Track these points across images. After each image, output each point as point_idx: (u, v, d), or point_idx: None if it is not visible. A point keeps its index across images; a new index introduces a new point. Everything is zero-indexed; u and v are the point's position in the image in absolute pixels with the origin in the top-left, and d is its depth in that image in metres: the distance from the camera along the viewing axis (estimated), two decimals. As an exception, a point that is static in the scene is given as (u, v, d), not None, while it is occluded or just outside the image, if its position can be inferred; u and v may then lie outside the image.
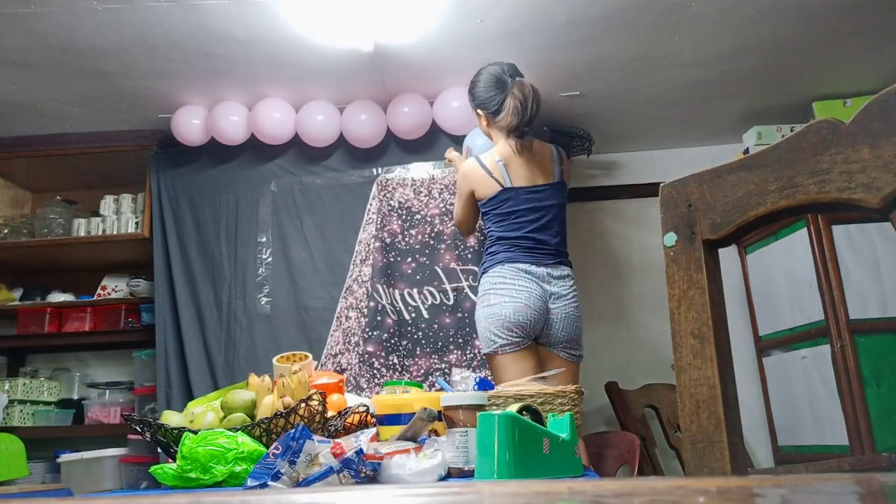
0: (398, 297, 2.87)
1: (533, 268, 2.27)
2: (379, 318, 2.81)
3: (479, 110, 2.43)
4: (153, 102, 2.96)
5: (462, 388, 1.77)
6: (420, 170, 2.99)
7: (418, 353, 2.81)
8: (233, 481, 1.39)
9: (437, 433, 1.48)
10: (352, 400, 1.90)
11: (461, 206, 2.48)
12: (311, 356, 2.05)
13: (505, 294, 2.23)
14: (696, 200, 0.92)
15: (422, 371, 2.79)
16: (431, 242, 2.90)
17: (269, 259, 2.99)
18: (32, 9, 2.27)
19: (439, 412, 1.45)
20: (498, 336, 2.21)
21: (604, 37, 2.58)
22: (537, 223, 2.33)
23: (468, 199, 2.45)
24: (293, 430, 1.28)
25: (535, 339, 2.28)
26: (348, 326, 2.87)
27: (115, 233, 3.20)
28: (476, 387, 1.76)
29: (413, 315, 2.85)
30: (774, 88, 3.02)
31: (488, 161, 2.37)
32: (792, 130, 3.06)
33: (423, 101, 2.93)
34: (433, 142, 2.99)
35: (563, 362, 2.29)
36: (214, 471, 1.36)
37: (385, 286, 2.86)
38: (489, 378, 2.28)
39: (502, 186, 2.34)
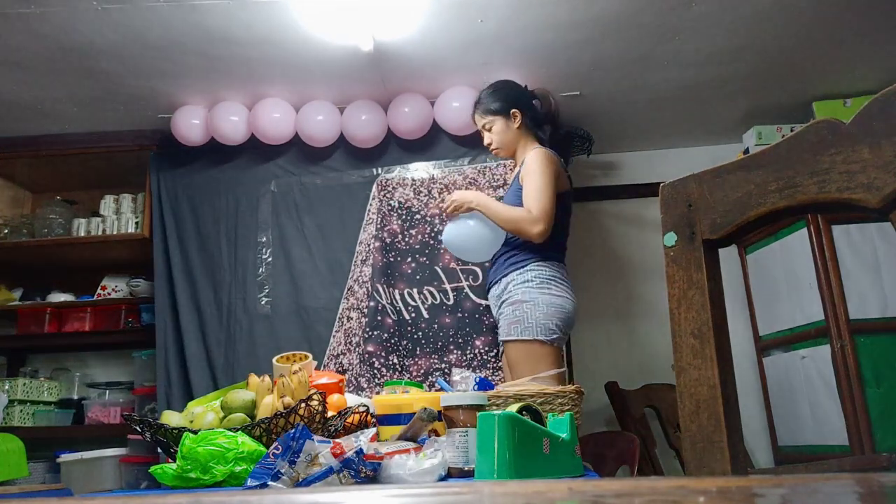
0: (398, 297, 2.87)
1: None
2: (379, 317, 2.81)
3: (515, 109, 2.35)
4: (153, 102, 2.96)
5: (462, 388, 1.77)
6: (420, 170, 2.99)
7: (418, 352, 2.81)
8: (233, 481, 1.39)
9: (437, 433, 1.48)
10: (352, 400, 1.90)
11: (553, 193, 2.19)
12: (311, 356, 2.05)
13: (566, 290, 2.21)
14: (696, 200, 0.92)
15: (422, 371, 2.79)
16: (431, 242, 2.90)
17: (269, 259, 2.99)
18: (32, 9, 2.27)
19: (439, 412, 1.45)
20: (558, 328, 2.16)
21: (604, 37, 2.58)
22: (566, 231, 2.35)
23: (556, 186, 2.22)
24: (293, 430, 1.28)
25: None
26: (350, 327, 2.87)
27: (115, 233, 3.20)
28: (476, 387, 1.76)
29: (413, 315, 2.85)
30: (774, 88, 3.02)
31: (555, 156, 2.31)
32: (792, 130, 3.06)
33: (424, 100, 2.93)
34: (434, 142, 2.99)
35: None
36: (214, 471, 1.36)
37: (385, 286, 2.86)
38: (489, 378, 2.28)
39: (571, 186, 2.34)
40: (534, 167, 2.21)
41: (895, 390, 2.45)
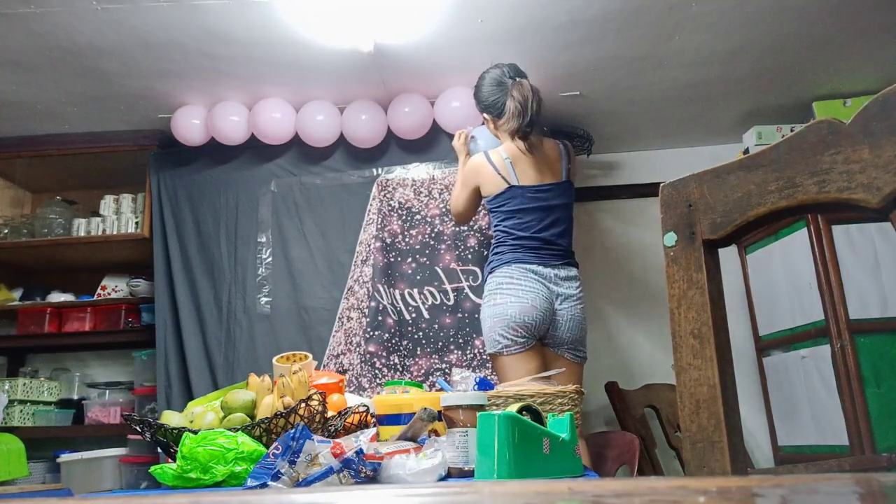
0: (398, 297, 2.87)
1: (540, 268, 2.27)
2: (380, 318, 2.81)
3: (484, 114, 2.47)
4: (153, 102, 2.96)
5: (462, 388, 1.77)
6: (420, 170, 2.99)
7: (419, 353, 2.81)
8: (233, 481, 1.39)
9: (437, 433, 1.48)
10: (352, 400, 1.90)
11: (463, 197, 2.50)
12: (311, 356, 2.05)
13: (511, 294, 2.23)
14: (696, 200, 0.92)
15: (422, 371, 2.79)
16: (432, 243, 2.90)
17: (269, 259, 2.99)
18: (32, 9, 2.27)
19: (439, 412, 1.45)
20: (503, 336, 2.21)
21: (604, 37, 2.58)
22: (544, 222, 2.33)
23: (472, 193, 2.47)
24: (293, 430, 1.28)
25: (541, 339, 2.28)
26: (350, 327, 2.87)
27: (115, 233, 3.20)
28: (476, 387, 1.76)
29: (413, 315, 2.85)
30: (774, 88, 3.02)
31: (496, 158, 2.38)
32: (792, 130, 3.05)
33: (424, 101, 2.93)
34: (434, 142, 2.99)
35: (568, 363, 2.29)
36: (214, 471, 1.36)
37: (385, 286, 2.86)
38: (489, 378, 2.28)
39: (508, 184, 2.35)
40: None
41: (895, 390, 2.45)
